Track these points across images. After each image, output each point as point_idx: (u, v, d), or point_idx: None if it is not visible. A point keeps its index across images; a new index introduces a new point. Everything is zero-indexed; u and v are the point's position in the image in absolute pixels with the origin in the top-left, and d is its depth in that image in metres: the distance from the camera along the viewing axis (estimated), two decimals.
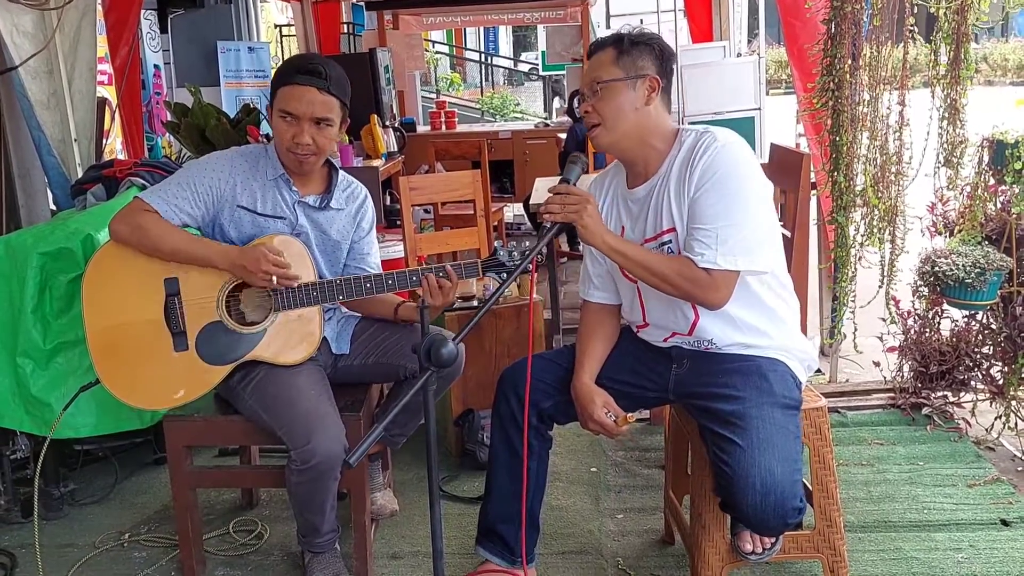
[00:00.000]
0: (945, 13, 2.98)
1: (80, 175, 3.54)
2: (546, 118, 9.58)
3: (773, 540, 2.11)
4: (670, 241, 2.08)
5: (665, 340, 2.21)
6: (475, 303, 3.21)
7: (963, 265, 2.99)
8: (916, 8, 3.08)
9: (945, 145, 3.12)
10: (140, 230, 2.27)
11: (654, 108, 2.08)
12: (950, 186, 3.17)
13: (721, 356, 2.12)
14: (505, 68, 21.15)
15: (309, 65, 2.31)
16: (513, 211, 7.42)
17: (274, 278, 2.25)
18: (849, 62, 3.19)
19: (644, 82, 2.06)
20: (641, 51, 2.07)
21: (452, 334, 1.78)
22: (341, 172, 2.51)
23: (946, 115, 3.09)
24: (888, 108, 3.21)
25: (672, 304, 2.12)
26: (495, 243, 2.34)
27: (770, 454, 1.90)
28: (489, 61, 19.63)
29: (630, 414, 2.12)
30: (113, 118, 4.71)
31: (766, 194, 2.05)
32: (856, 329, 3.42)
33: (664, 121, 2.11)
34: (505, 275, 2.29)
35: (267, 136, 4.77)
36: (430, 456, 1.73)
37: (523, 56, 22.62)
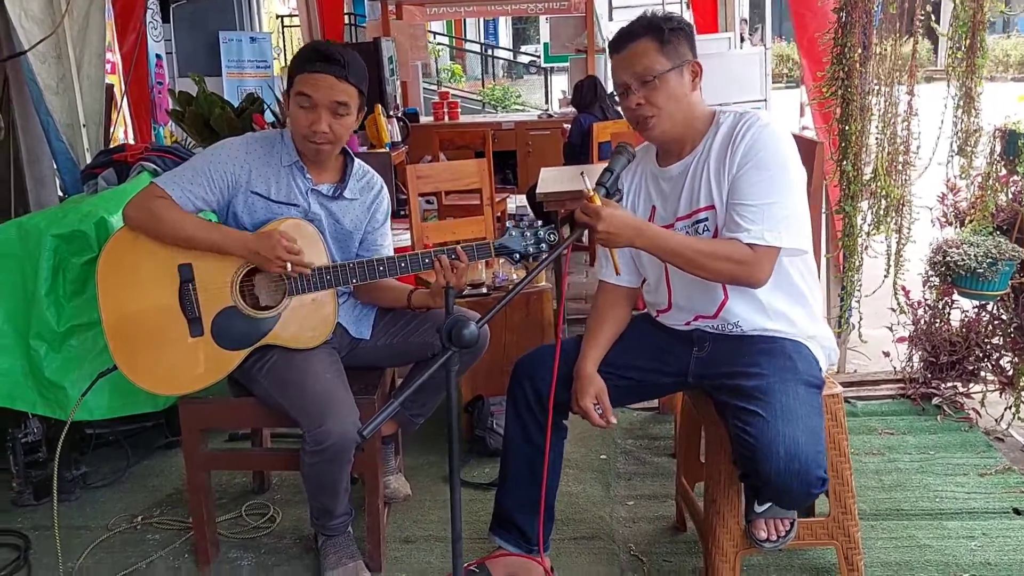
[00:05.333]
0: (962, 1, 2.98)
1: (88, 160, 3.53)
2: (547, 110, 9.52)
3: (788, 527, 2.11)
4: (707, 219, 2.07)
5: (687, 323, 2.20)
6: (484, 290, 3.21)
7: (975, 255, 2.99)
8: None
9: (959, 134, 3.12)
10: (154, 217, 2.26)
11: (697, 92, 2.09)
12: (962, 175, 3.17)
13: (745, 338, 2.11)
14: (505, 60, 21.09)
15: (327, 52, 2.27)
16: (516, 202, 7.39)
17: (289, 264, 2.24)
18: (859, 51, 3.19)
19: (688, 68, 2.06)
20: (679, 37, 2.05)
21: (476, 315, 1.78)
22: (357, 161, 2.49)
23: (961, 104, 3.09)
24: (897, 98, 3.21)
25: (701, 285, 2.11)
26: (508, 224, 2.32)
27: (794, 425, 1.87)
28: (490, 53, 19.57)
29: (614, 419, 2.17)
30: (116, 107, 4.69)
31: (803, 178, 2.05)
32: (862, 318, 3.43)
33: (702, 103, 2.12)
34: (517, 256, 2.30)
35: (272, 125, 4.76)
36: (451, 435, 1.72)
37: (523, 48, 22.56)
